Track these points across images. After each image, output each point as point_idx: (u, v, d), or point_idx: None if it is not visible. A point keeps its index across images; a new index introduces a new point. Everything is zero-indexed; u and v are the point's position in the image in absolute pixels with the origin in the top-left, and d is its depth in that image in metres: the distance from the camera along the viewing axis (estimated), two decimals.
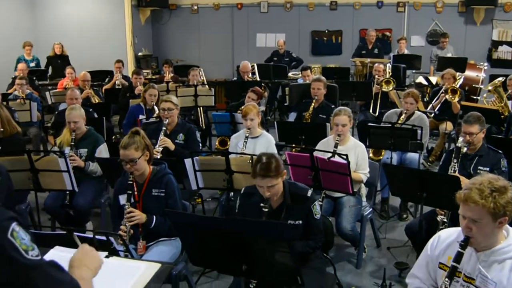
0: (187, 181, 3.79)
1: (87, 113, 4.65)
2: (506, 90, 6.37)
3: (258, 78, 8.09)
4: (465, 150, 3.64)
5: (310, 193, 2.89)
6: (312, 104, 5.61)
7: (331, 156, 3.67)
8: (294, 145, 4.73)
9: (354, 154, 3.95)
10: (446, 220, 3.33)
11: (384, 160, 4.98)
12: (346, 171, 3.52)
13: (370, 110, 6.85)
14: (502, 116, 5.84)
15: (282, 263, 2.22)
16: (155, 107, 5.45)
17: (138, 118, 5.56)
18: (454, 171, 3.56)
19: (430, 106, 6.23)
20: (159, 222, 3.07)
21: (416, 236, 3.45)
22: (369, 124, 4.98)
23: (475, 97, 7.45)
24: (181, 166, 3.73)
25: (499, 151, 3.69)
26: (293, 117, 6.20)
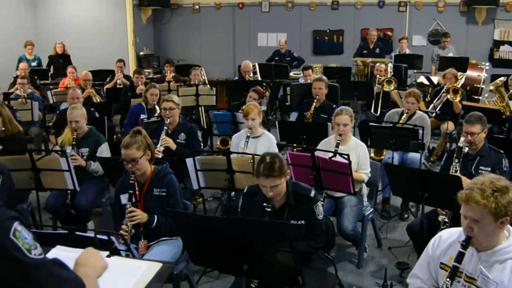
0: (189, 180, 3.80)
1: (89, 112, 4.66)
2: (507, 90, 6.35)
3: (260, 78, 8.07)
4: (466, 150, 3.64)
5: (313, 193, 2.89)
6: (313, 103, 5.60)
7: (333, 155, 3.68)
8: (295, 144, 4.72)
9: (356, 154, 3.95)
10: (447, 220, 3.33)
11: (385, 160, 4.97)
12: (348, 171, 3.52)
13: (372, 110, 6.83)
14: (504, 116, 5.82)
15: (283, 263, 2.22)
16: (157, 107, 5.45)
17: (139, 118, 5.53)
18: (456, 171, 3.55)
19: (431, 106, 6.21)
20: (161, 222, 3.07)
21: (417, 236, 3.44)
22: (370, 124, 4.98)
23: (477, 97, 7.44)
24: (182, 165, 3.74)
25: (501, 151, 3.68)
26: (294, 116, 6.18)
